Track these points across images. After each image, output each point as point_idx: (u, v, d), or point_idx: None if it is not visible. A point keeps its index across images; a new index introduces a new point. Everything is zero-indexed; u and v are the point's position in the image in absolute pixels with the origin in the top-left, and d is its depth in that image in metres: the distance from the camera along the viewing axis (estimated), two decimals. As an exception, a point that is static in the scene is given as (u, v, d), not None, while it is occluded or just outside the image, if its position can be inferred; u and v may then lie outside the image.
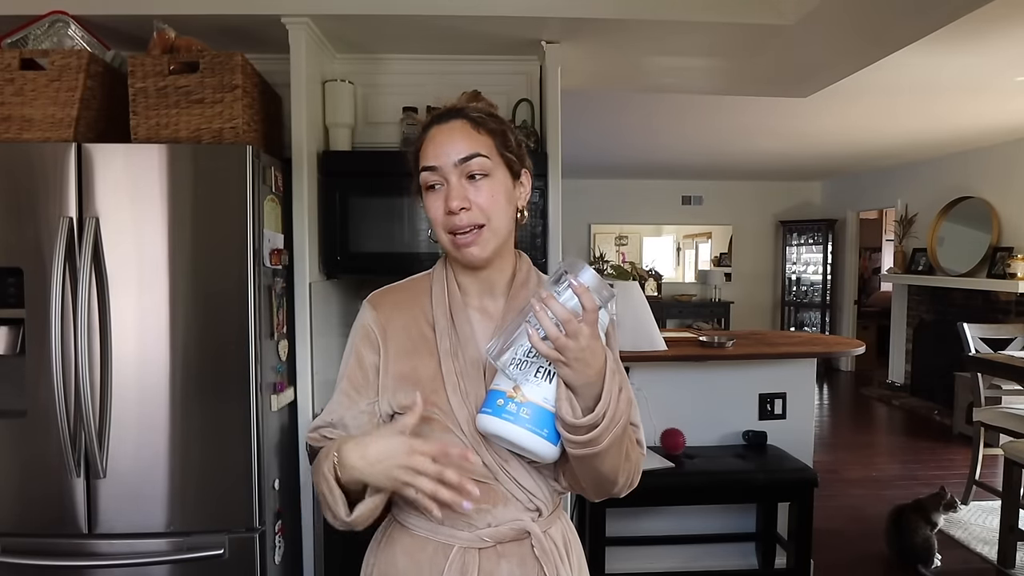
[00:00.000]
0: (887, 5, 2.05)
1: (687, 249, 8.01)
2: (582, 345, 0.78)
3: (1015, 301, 4.74)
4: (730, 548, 2.76)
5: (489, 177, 0.90)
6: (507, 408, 0.81)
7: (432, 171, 0.90)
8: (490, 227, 0.90)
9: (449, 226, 0.90)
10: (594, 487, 0.92)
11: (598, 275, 0.81)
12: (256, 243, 1.71)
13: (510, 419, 0.81)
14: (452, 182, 0.89)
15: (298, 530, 2.04)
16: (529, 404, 0.81)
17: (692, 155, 5.93)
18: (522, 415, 0.81)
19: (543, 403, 0.82)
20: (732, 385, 2.72)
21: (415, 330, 0.96)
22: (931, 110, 3.99)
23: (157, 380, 1.68)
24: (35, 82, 1.69)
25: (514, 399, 0.82)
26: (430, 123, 0.94)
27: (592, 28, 2.15)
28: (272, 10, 1.98)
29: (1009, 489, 2.79)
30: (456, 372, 0.92)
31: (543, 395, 0.82)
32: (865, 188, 6.91)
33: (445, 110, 0.95)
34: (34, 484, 1.67)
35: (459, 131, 0.91)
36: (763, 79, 2.92)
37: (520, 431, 0.81)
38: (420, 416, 0.84)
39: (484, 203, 0.89)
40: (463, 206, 0.88)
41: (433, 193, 0.91)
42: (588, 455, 0.83)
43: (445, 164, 0.89)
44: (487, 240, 0.91)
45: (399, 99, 2.33)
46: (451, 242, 0.91)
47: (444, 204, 0.89)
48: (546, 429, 0.82)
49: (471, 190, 0.89)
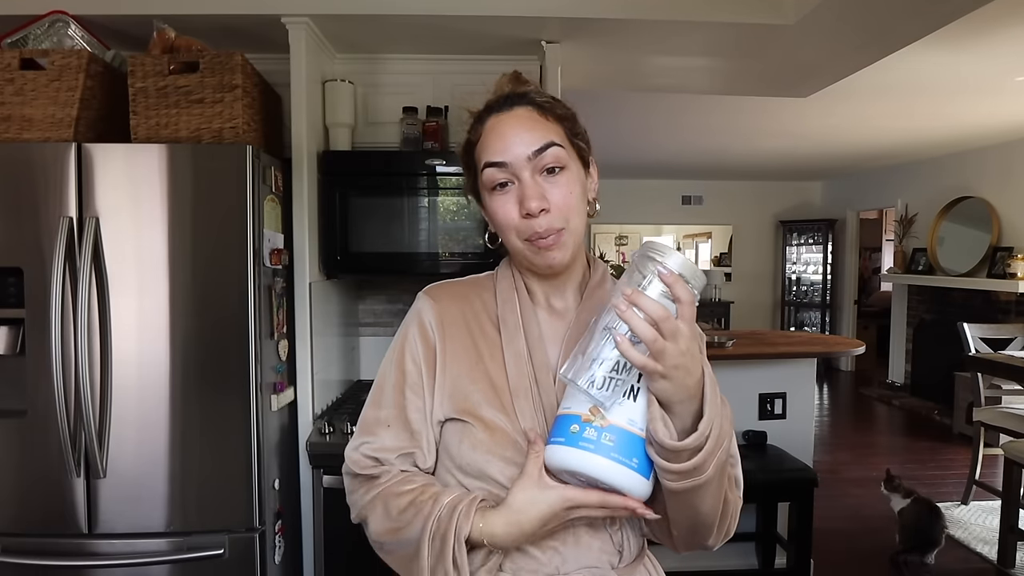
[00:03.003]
0: (887, 5, 2.04)
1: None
2: (682, 348, 0.64)
3: (1015, 301, 4.75)
4: (730, 548, 2.76)
5: (565, 170, 0.78)
6: (584, 435, 0.65)
7: (500, 167, 0.77)
8: (569, 228, 0.78)
9: (527, 231, 0.77)
10: (688, 533, 0.76)
11: (688, 258, 0.67)
12: (256, 243, 1.71)
13: (590, 448, 0.65)
14: (526, 179, 0.77)
15: (298, 530, 2.04)
16: (613, 428, 0.65)
17: (692, 155, 5.93)
18: (604, 442, 0.65)
19: (629, 426, 0.66)
20: (732, 385, 2.72)
21: (476, 328, 0.84)
22: (931, 110, 3.99)
23: (157, 380, 1.68)
24: (35, 82, 1.68)
25: (592, 423, 0.66)
26: (487, 112, 0.82)
27: (592, 28, 2.15)
28: (272, 10, 1.98)
29: (1009, 489, 2.79)
30: (528, 376, 0.79)
31: (628, 416, 0.66)
32: (865, 188, 6.91)
33: (504, 96, 0.82)
34: (34, 484, 1.67)
35: (527, 119, 0.78)
36: (763, 79, 2.92)
37: (605, 463, 0.65)
38: (491, 428, 0.74)
39: (562, 202, 0.77)
40: (543, 207, 0.76)
41: (501, 193, 0.78)
42: (689, 488, 0.67)
43: (516, 158, 0.77)
44: (567, 243, 0.79)
45: (399, 99, 2.33)
46: (529, 248, 0.79)
47: (519, 206, 0.77)
48: (635, 458, 0.66)
49: (548, 187, 0.77)
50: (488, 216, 0.83)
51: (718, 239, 7.87)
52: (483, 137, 0.81)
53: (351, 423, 1.93)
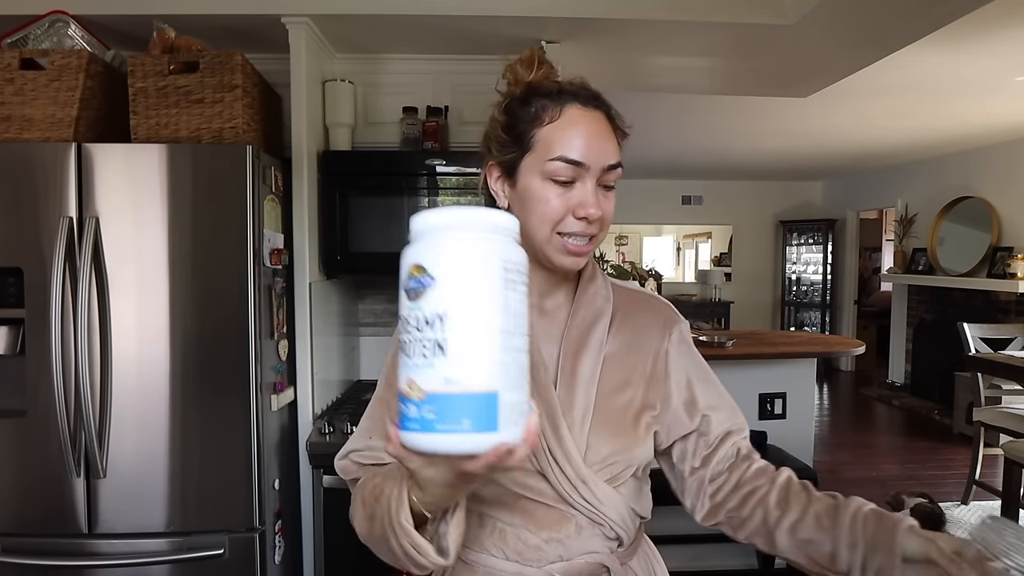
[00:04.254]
0: (887, 5, 2.04)
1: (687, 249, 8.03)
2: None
3: (1015, 301, 4.75)
4: (730, 548, 2.76)
5: (614, 189, 0.81)
6: (409, 415, 0.57)
7: (576, 166, 0.76)
8: (596, 240, 0.81)
9: (571, 228, 0.77)
10: None
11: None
12: (256, 243, 1.71)
13: (416, 428, 0.57)
14: (589, 187, 0.77)
15: (298, 530, 2.04)
16: (430, 397, 0.56)
17: (692, 155, 5.93)
18: (427, 416, 0.56)
19: (446, 387, 0.56)
20: (732, 385, 2.68)
21: None
22: (931, 110, 3.99)
23: (157, 380, 1.68)
24: (35, 82, 1.69)
25: (411, 399, 0.57)
26: (568, 97, 0.80)
27: (592, 28, 2.15)
28: (272, 10, 1.98)
29: (1009, 489, 2.79)
30: None
31: (444, 375, 0.56)
32: (865, 188, 6.91)
33: (586, 90, 0.81)
34: (34, 484, 1.67)
35: (606, 129, 0.79)
36: (763, 79, 2.92)
37: (437, 439, 0.56)
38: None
39: (607, 217, 0.80)
40: (598, 216, 0.77)
41: (557, 186, 0.77)
42: None
43: (595, 165, 0.77)
44: (589, 253, 0.82)
45: (399, 99, 2.33)
46: (561, 245, 0.78)
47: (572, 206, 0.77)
48: (465, 419, 0.56)
49: (602, 200, 0.79)
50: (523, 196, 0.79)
51: (718, 239, 7.87)
52: (562, 126, 0.77)
53: (351, 423, 1.94)
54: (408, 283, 0.59)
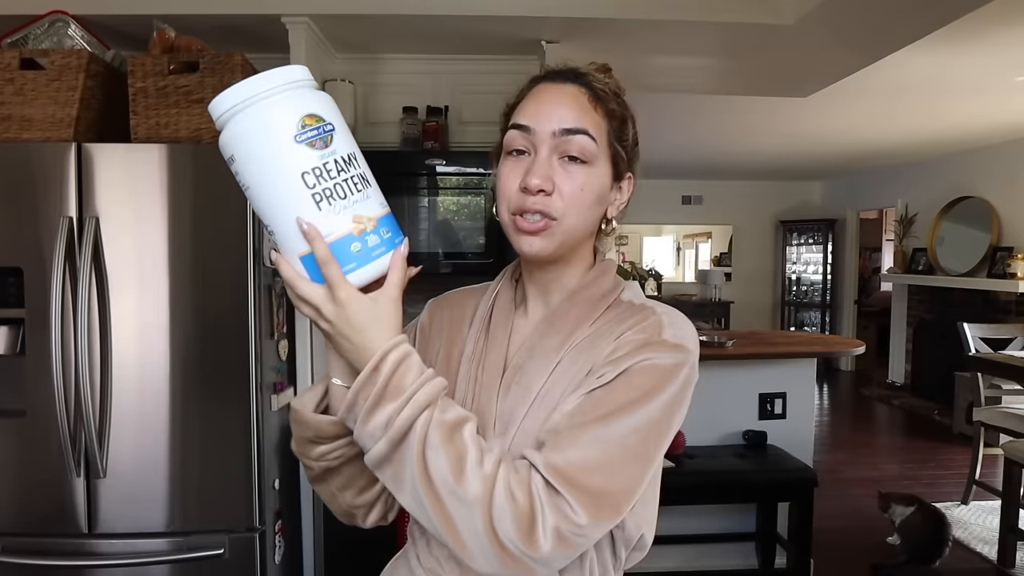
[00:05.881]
0: (887, 5, 2.04)
1: (687, 249, 8.03)
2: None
3: (1015, 301, 4.75)
4: (730, 548, 2.76)
5: (587, 165, 0.72)
6: (369, 245, 0.65)
7: (523, 131, 0.72)
8: (562, 224, 0.72)
9: (517, 205, 0.72)
10: None
11: None
12: (256, 243, 1.71)
13: (383, 251, 0.67)
14: (541, 155, 0.71)
15: (298, 530, 2.04)
16: (382, 220, 0.67)
17: (692, 155, 5.93)
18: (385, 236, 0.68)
19: (384, 207, 0.69)
20: (732, 385, 2.72)
21: (456, 333, 0.83)
22: (932, 110, 3.99)
23: (157, 380, 1.68)
24: (35, 82, 1.68)
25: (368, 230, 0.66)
26: (541, 77, 0.77)
27: (592, 28, 2.15)
28: (272, 10, 1.98)
29: (1009, 489, 2.79)
30: (470, 379, 0.77)
31: (379, 200, 0.69)
32: (865, 188, 6.91)
33: (564, 68, 0.77)
34: (34, 484, 1.67)
35: (572, 97, 0.73)
36: (763, 79, 2.92)
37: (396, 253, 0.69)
38: None
39: (569, 194, 0.71)
40: (543, 188, 0.70)
41: (512, 160, 0.73)
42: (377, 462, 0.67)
43: (542, 129, 0.71)
44: (553, 236, 0.72)
45: (399, 99, 2.33)
46: (512, 223, 0.73)
47: (521, 177, 0.71)
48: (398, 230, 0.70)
49: (560, 173, 0.71)
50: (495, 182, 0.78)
51: (718, 239, 7.87)
52: (524, 100, 0.75)
53: (351, 423, 1.93)
54: (308, 133, 0.63)
